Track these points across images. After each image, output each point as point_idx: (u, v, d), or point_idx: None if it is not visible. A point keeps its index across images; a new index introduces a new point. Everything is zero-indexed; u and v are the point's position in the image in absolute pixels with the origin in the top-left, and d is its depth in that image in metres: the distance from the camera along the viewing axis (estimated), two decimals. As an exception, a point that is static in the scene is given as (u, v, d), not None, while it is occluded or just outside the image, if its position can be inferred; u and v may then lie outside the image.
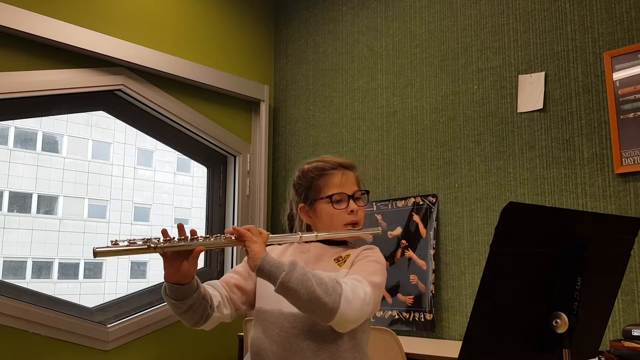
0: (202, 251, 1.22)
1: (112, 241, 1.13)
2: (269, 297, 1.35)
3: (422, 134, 2.71)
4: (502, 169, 2.41)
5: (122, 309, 2.67)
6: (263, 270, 1.19)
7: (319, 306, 1.17)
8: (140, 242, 1.15)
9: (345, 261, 1.38)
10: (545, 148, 2.29)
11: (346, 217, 1.41)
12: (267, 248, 1.25)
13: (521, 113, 2.38)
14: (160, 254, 1.19)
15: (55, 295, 2.51)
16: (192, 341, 2.83)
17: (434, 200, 2.60)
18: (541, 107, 2.31)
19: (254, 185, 3.25)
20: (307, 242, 1.42)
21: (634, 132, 2.05)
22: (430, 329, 2.48)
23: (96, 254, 1.11)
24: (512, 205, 0.93)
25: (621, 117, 2.09)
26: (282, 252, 1.49)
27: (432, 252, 2.53)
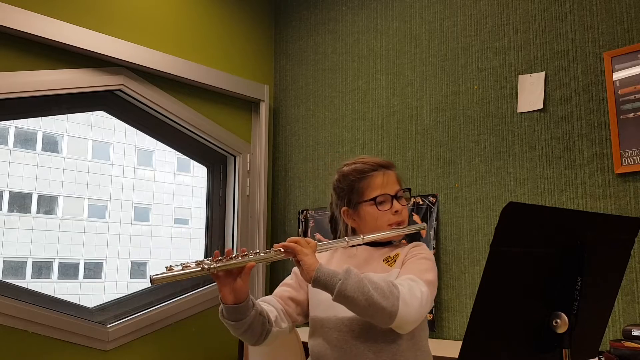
0: (253, 267, 1.24)
1: (166, 267, 1.17)
2: (322, 304, 1.36)
3: (422, 134, 2.71)
4: (502, 169, 2.41)
5: (122, 309, 2.67)
6: (319, 282, 1.19)
7: (378, 311, 1.17)
8: (194, 265, 1.18)
9: (395, 261, 1.38)
10: (545, 148, 2.29)
11: (391, 217, 1.41)
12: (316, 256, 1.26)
13: (521, 113, 2.38)
14: (213, 275, 1.21)
15: (55, 295, 2.51)
16: (192, 341, 2.83)
17: (434, 200, 2.60)
18: (541, 107, 2.31)
19: (254, 185, 3.25)
20: (354, 245, 1.41)
21: (634, 132, 2.05)
22: (430, 329, 2.48)
23: (153, 281, 1.15)
24: (512, 205, 0.93)
25: (621, 117, 2.09)
26: (329, 258, 1.48)
27: (432, 252, 2.53)
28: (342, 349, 1.31)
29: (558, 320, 1.01)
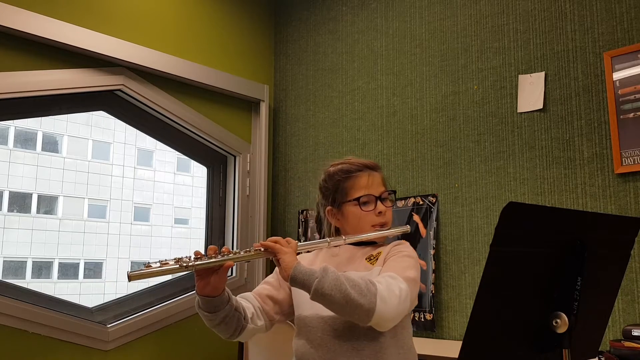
0: (231, 266, 1.25)
1: (144, 264, 1.18)
2: (305, 303, 1.36)
3: (422, 134, 2.71)
4: (502, 169, 2.41)
5: (122, 309, 2.67)
6: (296, 280, 1.20)
7: (356, 308, 1.18)
8: (172, 262, 1.20)
9: (377, 259, 1.38)
10: (545, 148, 2.29)
11: (374, 218, 1.41)
12: (298, 257, 1.26)
13: (521, 113, 2.38)
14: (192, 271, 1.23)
15: (55, 295, 2.51)
16: (192, 341, 2.83)
17: (434, 200, 2.60)
18: (541, 107, 2.31)
19: (254, 185, 3.25)
20: (336, 246, 1.41)
21: (634, 132, 2.05)
22: (430, 329, 2.48)
23: (130, 277, 1.16)
24: (512, 205, 0.93)
25: (621, 117, 2.09)
26: (313, 258, 1.49)
27: (432, 252, 2.53)
28: (325, 347, 1.31)
29: (558, 320, 1.01)
